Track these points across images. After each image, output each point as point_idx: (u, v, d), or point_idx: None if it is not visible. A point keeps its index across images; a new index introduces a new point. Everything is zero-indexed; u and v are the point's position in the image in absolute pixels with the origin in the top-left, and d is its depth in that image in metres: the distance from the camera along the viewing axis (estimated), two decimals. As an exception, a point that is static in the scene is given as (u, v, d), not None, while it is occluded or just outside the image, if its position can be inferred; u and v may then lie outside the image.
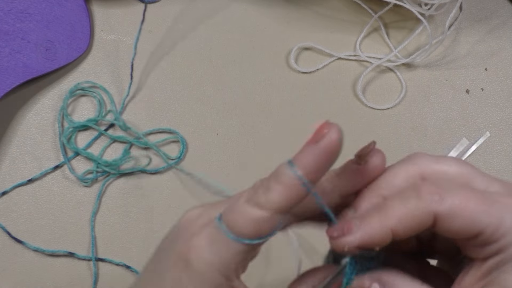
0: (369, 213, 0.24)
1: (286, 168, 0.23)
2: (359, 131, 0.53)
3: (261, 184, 0.24)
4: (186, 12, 0.57)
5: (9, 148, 0.51)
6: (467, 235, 0.23)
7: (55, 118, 0.52)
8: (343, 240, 0.23)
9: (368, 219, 0.24)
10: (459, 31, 0.59)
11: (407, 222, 0.23)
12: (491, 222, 0.22)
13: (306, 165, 0.23)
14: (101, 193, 0.50)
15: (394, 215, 0.23)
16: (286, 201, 0.23)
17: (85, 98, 0.53)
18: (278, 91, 0.55)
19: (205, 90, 0.54)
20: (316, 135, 0.24)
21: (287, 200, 0.23)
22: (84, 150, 0.51)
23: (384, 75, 0.56)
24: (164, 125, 0.53)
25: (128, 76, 0.53)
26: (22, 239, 0.48)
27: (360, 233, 0.23)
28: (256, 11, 0.58)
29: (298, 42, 0.56)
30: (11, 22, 0.51)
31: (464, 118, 0.55)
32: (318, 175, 0.23)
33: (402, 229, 0.23)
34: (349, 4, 0.59)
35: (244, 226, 0.23)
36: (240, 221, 0.23)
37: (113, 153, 0.51)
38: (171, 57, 0.55)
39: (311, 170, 0.23)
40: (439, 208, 0.23)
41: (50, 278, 0.47)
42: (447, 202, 0.23)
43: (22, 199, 0.49)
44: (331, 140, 0.23)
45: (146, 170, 0.51)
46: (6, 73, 0.50)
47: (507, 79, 0.57)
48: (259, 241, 0.23)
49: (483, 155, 0.54)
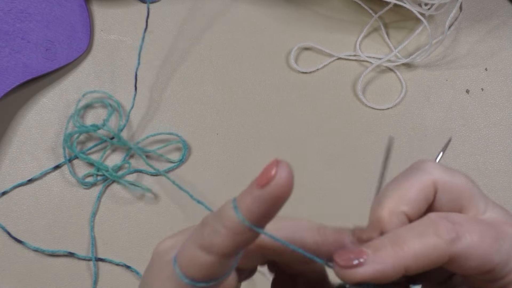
0: (383, 244, 0.22)
1: (231, 210, 0.21)
2: (359, 131, 0.53)
3: (207, 223, 0.22)
4: (186, 12, 0.57)
5: (9, 148, 0.51)
6: (479, 272, 0.23)
7: (58, 118, 0.52)
8: (353, 271, 0.22)
9: (382, 251, 0.22)
10: (459, 31, 0.59)
11: (423, 260, 0.22)
12: (502, 259, 0.22)
13: (251, 210, 0.21)
14: (101, 194, 0.50)
15: (410, 251, 0.22)
16: (233, 245, 0.21)
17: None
18: (278, 91, 0.55)
19: (205, 90, 0.54)
20: (262, 176, 0.21)
21: (233, 245, 0.21)
22: (84, 154, 0.51)
23: (384, 75, 0.56)
24: (164, 124, 0.53)
25: (128, 78, 0.53)
26: (22, 239, 0.48)
27: (372, 267, 0.22)
28: (256, 11, 0.58)
29: (298, 42, 0.56)
30: (11, 22, 0.51)
31: (464, 118, 0.55)
32: (265, 220, 0.21)
33: (416, 267, 0.22)
34: (349, 4, 0.59)
35: (194, 271, 0.22)
36: (191, 265, 0.22)
37: (115, 157, 0.51)
38: (171, 57, 0.55)
39: (257, 217, 0.21)
40: (457, 248, 0.22)
41: (50, 278, 0.47)
42: (465, 241, 0.22)
43: (22, 199, 0.49)
44: (277, 186, 0.20)
45: (144, 171, 0.51)
46: (6, 73, 0.50)
47: (507, 79, 0.57)
48: (214, 282, 0.22)
49: (483, 155, 0.54)
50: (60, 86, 0.53)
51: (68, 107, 0.53)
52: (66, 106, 0.53)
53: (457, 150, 0.54)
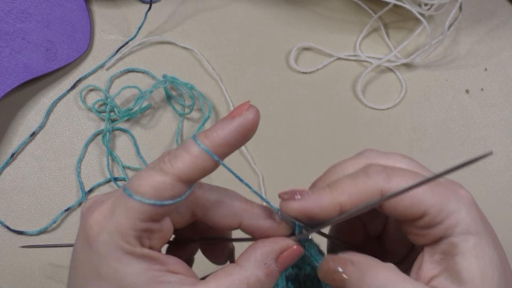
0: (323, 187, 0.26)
1: (192, 141, 0.24)
2: (359, 131, 0.54)
3: (168, 153, 0.24)
4: (186, 13, 0.57)
5: (9, 148, 0.51)
6: (413, 215, 0.24)
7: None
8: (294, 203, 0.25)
9: (320, 191, 0.25)
10: (458, 31, 0.59)
11: (356, 197, 0.24)
12: (435, 202, 0.24)
13: (217, 139, 0.24)
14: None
15: (344, 190, 0.25)
16: (189, 169, 0.23)
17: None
18: (278, 91, 0.55)
19: (205, 90, 0.54)
20: (234, 112, 0.24)
21: (190, 169, 0.24)
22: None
23: (384, 75, 0.56)
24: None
25: (128, 76, 0.53)
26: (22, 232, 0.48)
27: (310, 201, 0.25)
28: (256, 11, 0.58)
29: (298, 42, 0.56)
30: (11, 22, 0.51)
31: (464, 118, 0.55)
32: (227, 149, 0.24)
33: (350, 203, 0.24)
34: (349, 4, 0.59)
35: (145, 188, 0.23)
36: (142, 183, 0.23)
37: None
38: (170, 57, 0.55)
39: (220, 143, 0.24)
40: (386, 185, 0.24)
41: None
42: (394, 181, 0.24)
43: (22, 199, 0.49)
44: (246, 119, 0.24)
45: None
46: (7, 73, 0.50)
47: (507, 79, 0.57)
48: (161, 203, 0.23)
49: (483, 155, 0.54)
50: (60, 86, 0.53)
51: (68, 107, 0.53)
52: (66, 106, 0.53)
53: (457, 150, 0.54)
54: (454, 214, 0.24)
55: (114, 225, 0.23)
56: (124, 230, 0.23)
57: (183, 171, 0.24)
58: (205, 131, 0.24)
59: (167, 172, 0.23)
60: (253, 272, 0.25)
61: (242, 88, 0.55)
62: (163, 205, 0.23)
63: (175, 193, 0.24)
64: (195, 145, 0.24)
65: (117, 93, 0.52)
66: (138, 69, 0.54)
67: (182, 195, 0.24)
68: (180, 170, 0.23)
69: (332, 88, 0.55)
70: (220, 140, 0.24)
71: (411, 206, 0.24)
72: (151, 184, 0.23)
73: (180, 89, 0.53)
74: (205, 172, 0.24)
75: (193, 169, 0.24)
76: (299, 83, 0.55)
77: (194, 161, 0.24)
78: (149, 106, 0.52)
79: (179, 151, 0.24)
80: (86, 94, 0.53)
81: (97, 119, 0.52)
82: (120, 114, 0.51)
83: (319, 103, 0.55)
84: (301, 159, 0.52)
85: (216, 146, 0.24)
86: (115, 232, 0.23)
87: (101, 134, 0.51)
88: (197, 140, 0.24)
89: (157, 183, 0.23)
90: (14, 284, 0.47)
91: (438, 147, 0.54)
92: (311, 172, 0.30)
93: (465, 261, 0.23)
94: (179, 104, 0.53)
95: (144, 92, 0.52)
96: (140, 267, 0.23)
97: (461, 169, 0.20)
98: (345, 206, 0.24)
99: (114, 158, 0.51)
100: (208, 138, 0.24)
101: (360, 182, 0.25)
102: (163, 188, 0.23)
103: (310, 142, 0.53)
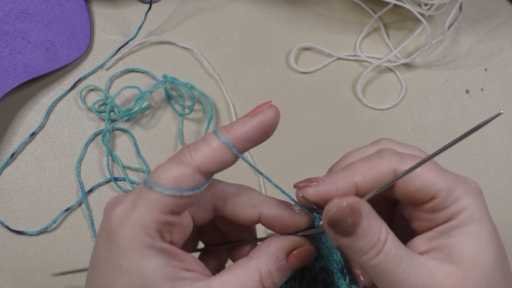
0: (336, 170, 0.26)
1: (216, 134, 0.25)
2: (359, 131, 0.54)
3: (188, 146, 0.25)
4: (186, 13, 0.57)
5: (9, 148, 0.51)
6: (423, 197, 0.25)
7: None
8: (309, 189, 0.25)
9: (335, 174, 0.26)
10: (458, 31, 0.59)
11: (370, 177, 0.25)
12: (445, 186, 0.24)
13: (237, 133, 0.25)
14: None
15: (359, 171, 0.25)
16: (208, 161, 0.24)
17: (85, 98, 0.53)
18: (278, 91, 0.55)
19: (205, 90, 0.54)
20: (255, 110, 0.26)
21: (209, 161, 0.24)
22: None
23: (384, 75, 0.56)
24: (164, 125, 0.53)
25: (128, 76, 0.53)
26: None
27: (326, 184, 0.25)
28: (256, 11, 0.58)
29: (298, 42, 0.56)
30: (11, 22, 0.51)
31: (464, 118, 0.55)
32: (246, 144, 0.25)
33: (365, 185, 0.25)
34: (349, 4, 0.59)
35: (165, 179, 0.24)
36: (162, 175, 0.24)
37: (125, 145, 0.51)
38: (170, 57, 0.55)
39: (240, 138, 0.24)
40: (400, 166, 0.25)
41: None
42: (407, 162, 0.25)
43: (22, 199, 0.49)
44: (266, 116, 0.25)
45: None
46: (7, 73, 0.50)
47: (507, 79, 0.57)
48: (180, 193, 0.24)
49: (482, 155, 0.54)
50: (60, 86, 0.53)
51: (68, 107, 0.53)
52: (66, 106, 0.53)
53: (457, 150, 0.54)
54: (462, 199, 0.24)
55: (135, 218, 0.24)
56: (145, 223, 0.23)
57: (202, 163, 0.24)
58: (226, 126, 0.25)
59: (186, 163, 0.24)
60: (266, 264, 0.25)
61: (242, 88, 0.55)
62: (183, 195, 0.24)
63: (194, 184, 0.24)
64: (215, 138, 0.24)
65: (117, 93, 0.53)
66: (138, 69, 0.54)
67: (201, 186, 0.25)
68: (199, 161, 0.24)
69: (332, 88, 0.55)
70: (240, 134, 0.25)
71: (422, 188, 0.24)
72: (170, 175, 0.24)
73: (180, 89, 0.53)
74: (224, 165, 0.25)
75: (212, 161, 0.24)
76: (299, 83, 0.55)
77: (214, 153, 0.24)
78: (149, 106, 0.52)
79: (199, 143, 0.25)
80: (86, 94, 0.53)
81: (97, 119, 0.52)
82: (120, 114, 0.51)
83: (319, 103, 0.55)
84: (301, 159, 0.52)
85: (236, 140, 0.25)
86: (136, 225, 0.23)
87: (101, 134, 0.51)
88: (218, 133, 0.24)
89: (176, 174, 0.24)
90: (14, 284, 0.47)
91: (438, 147, 0.53)
92: (311, 172, 0.29)
93: (460, 243, 0.24)
94: (179, 104, 0.53)
95: (144, 92, 0.52)
96: (159, 262, 0.24)
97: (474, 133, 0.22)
98: (360, 186, 0.25)
99: (114, 158, 0.51)
100: (229, 132, 0.25)
101: (374, 163, 0.25)
102: (182, 179, 0.24)
103: (310, 142, 0.53)
